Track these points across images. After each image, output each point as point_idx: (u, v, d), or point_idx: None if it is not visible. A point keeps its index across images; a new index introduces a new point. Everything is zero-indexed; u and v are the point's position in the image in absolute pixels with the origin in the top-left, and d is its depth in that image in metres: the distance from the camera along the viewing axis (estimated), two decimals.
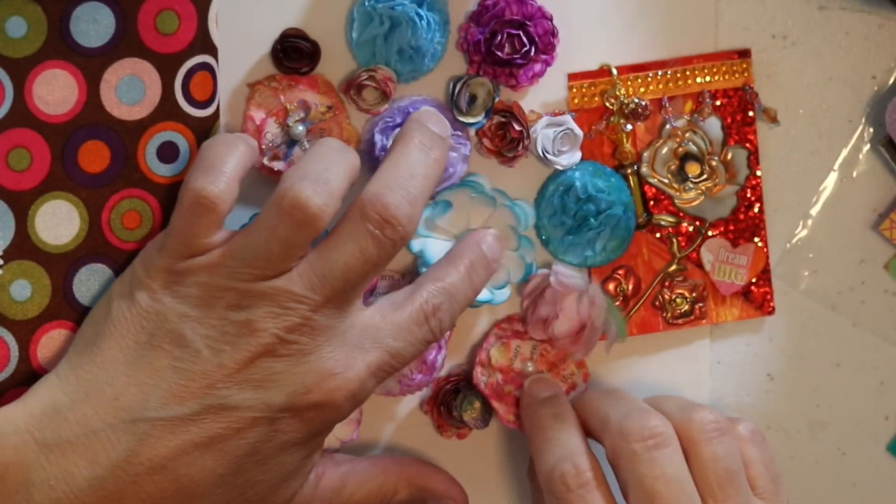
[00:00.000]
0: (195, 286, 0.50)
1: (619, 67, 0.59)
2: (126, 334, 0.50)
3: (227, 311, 0.49)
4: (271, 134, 0.56)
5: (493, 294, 0.58)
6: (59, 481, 0.48)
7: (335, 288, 0.50)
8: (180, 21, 0.53)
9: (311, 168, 0.50)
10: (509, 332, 0.59)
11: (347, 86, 0.56)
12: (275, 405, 0.49)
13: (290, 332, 0.49)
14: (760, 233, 0.61)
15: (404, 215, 0.50)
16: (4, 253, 0.52)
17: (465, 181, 0.57)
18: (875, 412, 0.64)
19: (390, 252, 0.51)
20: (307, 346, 0.50)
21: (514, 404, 0.60)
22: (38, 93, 0.52)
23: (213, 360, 0.49)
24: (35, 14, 0.52)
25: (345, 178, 0.51)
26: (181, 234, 0.50)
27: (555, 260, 0.60)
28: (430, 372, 0.57)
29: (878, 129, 0.62)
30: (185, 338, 0.49)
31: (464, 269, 0.54)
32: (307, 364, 0.49)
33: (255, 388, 0.49)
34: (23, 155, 0.52)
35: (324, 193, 0.49)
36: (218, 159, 0.51)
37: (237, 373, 0.49)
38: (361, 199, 0.51)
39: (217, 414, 0.49)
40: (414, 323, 0.52)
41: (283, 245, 0.49)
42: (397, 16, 0.55)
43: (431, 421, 0.60)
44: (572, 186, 0.58)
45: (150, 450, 0.48)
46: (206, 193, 0.50)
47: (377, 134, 0.56)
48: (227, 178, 0.50)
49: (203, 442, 0.49)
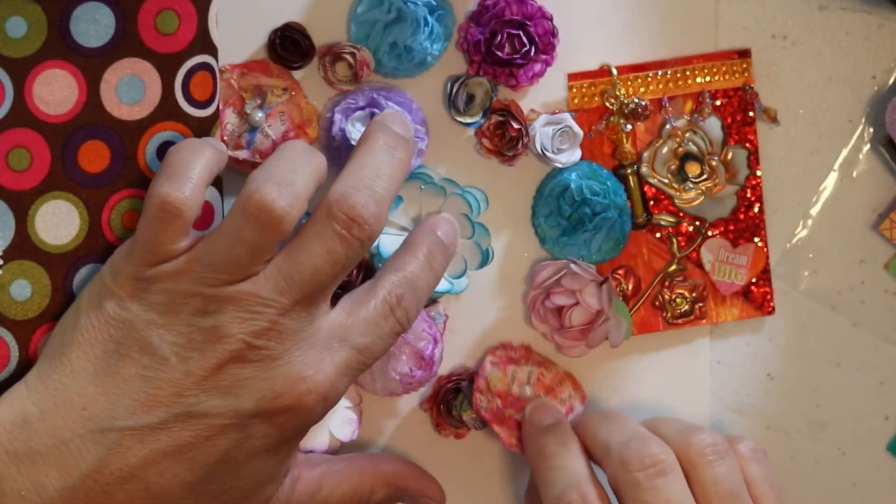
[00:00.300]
0: (162, 293, 0.49)
1: (619, 67, 0.59)
2: (94, 343, 0.49)
3: (194, 318, 0.49)
4: (231, 124, 0.56)
5: (452, 284, 0.58)
6: (30, 492, 0.48)
7: (303, 290, 0.49)
8: (180, 21, 0.53)
9: (277, 171, 0.50)
10: (504, 359, 0.59)
11: (327, 50, 0.56)
12: (244, 411, 0.49)
13: (257, 336, 0.49)
14: (760, 233, 0.61)
15: (371, 214, 0.50)
16: (4, 253, 0.52)
17: (413, 173, 0.57)
18: (875, 412, 0.64)
19: (358, 252, 0.50)
20: (275, 350, 0.49)
21: (516, 428, 0.60)
22: (38, 93, 0.52)
23: (180, 368, 0.48)
24: (35, 14, 0.52)
25: (311, 180, 0.51)
26: (147, 241, 0.50)
27: (553, 258, 0.60)
28: (429, 367, 0.57)
29: (878, 129, 0.62)
30: (152, 345, 0.49)
31: (422, 257, 0.53)
32: (276, 369, 0.49)
33: (224, 395, 0.49)
34: (23, 155, 0.52)
35: (289, 195, 0.49)
36: (184, 165, 0.50)
37: (205, 380, 0.48)
38: (328, 199, 0.50)
39: (186, 422, 0.48)
40: (380, 316, 0.51)
41: (249, 248, 0.49)
42: (406, 11, 0.55)
43: (430, 419, 0.60)
44: (568, 188, 0.58)
45: (119, 459, 0.48)
46: (170, 200, 0.49)
47: (337, 114, 0.56)
48: (192, 184, 0.50)
49: (172, 450, 0.48)
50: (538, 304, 0.59)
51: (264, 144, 0.57)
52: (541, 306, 0.59)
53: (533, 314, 0.59)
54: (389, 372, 0.57)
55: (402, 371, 0.57)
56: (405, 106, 0.57)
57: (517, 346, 0.60)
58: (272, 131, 0.57)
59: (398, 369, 0.57)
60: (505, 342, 0.60)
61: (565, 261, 0.59)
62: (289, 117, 0.57)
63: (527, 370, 0.60)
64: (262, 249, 0.49)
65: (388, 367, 0.57)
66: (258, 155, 0.56)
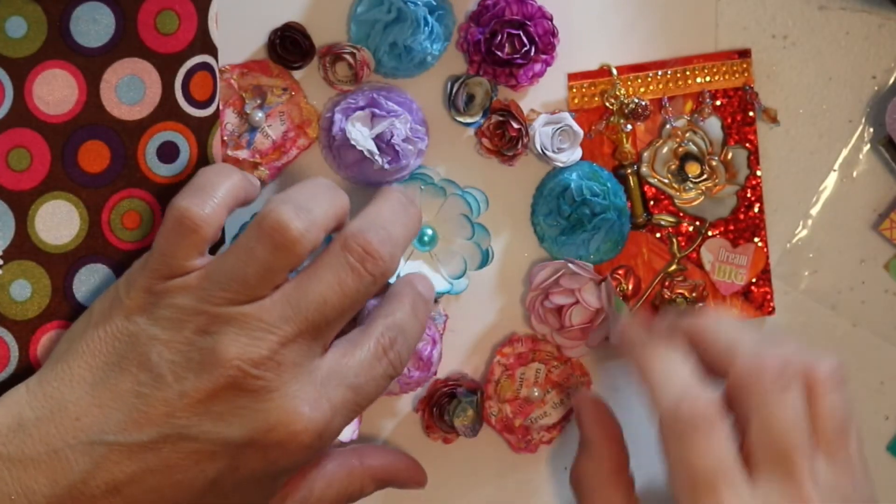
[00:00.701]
0: (169, 308, 0.49)
1: (619, 67, 0.59)
2: (97, 354, 0.49)
3: (195, 336, 0.48)
4: (231, 124, 0.56)
5: (452, 284, 0.58)
6: (20, 496, 0.47)
7: (308, 320, 0.49)
8: (180, 21, 0.53)
9: (297, 196, 0.50)
10: (512, 359, 0.60)
11: (327, 50, 0.56)
12: (235, 440, 0.48)
13: (255, 366, 0.48)
14: (760, 233, 0.61)
15: (386, 252, 0.50)
16: (4, 253, 0.52)
17: (413, 174, 0.57)
18: (875, 412, 0.64)
19: (369, 288, 0.50)
20: (273, 382, 0.48)
21: (525, 433, 0.60)
22: (38, 93, 0.52)
23: (174, 388, 0.48)
24: (35, 14, 0.52)
25: (330, 212, 0.50)
26: (163, 253, 0.49)
27: (552, 257, 0.60)
28: (426, 368, 0.57)
29: (878, 129, 0.62)
30: (150, 361, 0.48)
31: (408, 306, 0.53)
32: (271, 401, 0.48)
33: (216, 421, 0.48)
34: (23, 155, 0.52)
35: (306, 220, 0.49)
36: (209, 184, 0.50)
37: (199, 403, 0.48)
38: (344, 232, 0.50)
39: (175, 444, 0.48)
40: (374, 358, 0.51)
41: (259, 269, 0.48)
42: (406, 11, 0.55)
43: (421, 420, 0.60)
44: (568, 188, 0.58)
45: (106, 473, 0.48)
46: (190, 214, 0.49)
47: (337, 113, 0.56)
48: (215, 203, 0.50)
49: (159, 470, 0.48)
50: (537, 304, 0.59)
51: (264, 144, 0.57)
52: (540, 307, 0.59)
53: (532, 315, 0.59)
54: None
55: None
56: (405, 106, 0.57)
57: (523, 338, 0.60)
58: (272, 131, 0.57)
59: None
60: (511, 335, 0.60)
61: (563, 261, 0.59)
62: (289, 117, 0.57)
63: (534, 368, 0.60)
64: (273, 271, 0.49)
65: None
66: (258, 155, 0.56)
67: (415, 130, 0.57)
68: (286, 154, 0.57)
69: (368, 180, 0.57)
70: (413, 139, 0.57)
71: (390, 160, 0.56)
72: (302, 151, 0.57)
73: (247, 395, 0.48)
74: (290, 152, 0.57)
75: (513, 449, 0.60)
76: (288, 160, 0.57)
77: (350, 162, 0.57)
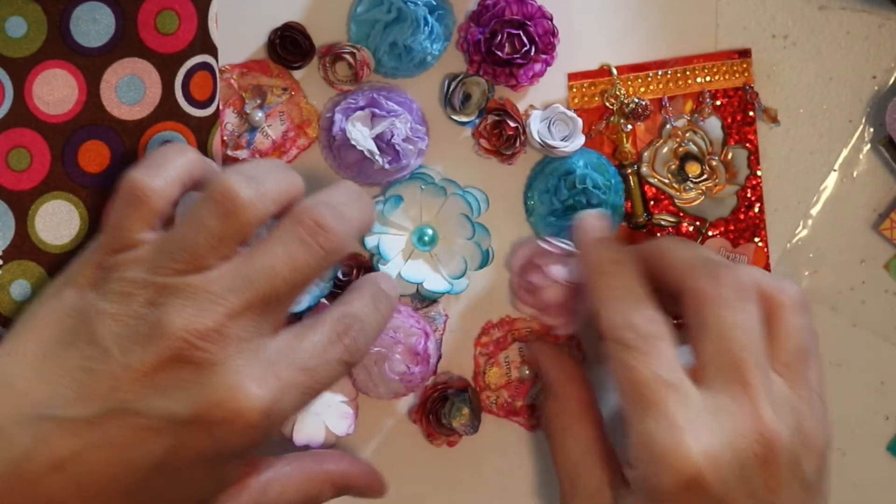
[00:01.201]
0: (118, 282, 0.48)
1: (619, 67, 0.59)
2: (46, 329, 0.49)
3: (143, 309, 0.47)
4: (231, 124, 0.56)
5: (452, 284, 0.58)
6: None
7: (257, 292, 0.48)
8: (180, 21, 0.53)
9: (249, 169, 0.50)
10: (491, 347, 0.59)
11: (327, 50, 0.56)
12: (179, 416, 0.47)
13: (200, 337, 0.47)
14: (760, 233, 0.61)
15: (339, 228, 0.49)
16: (4, 253, 0.52)
17: (413, 173, 0.57)
18: (875, 412, 0.64)
19: (320, 263, 0.49)
20: (216, 355, 0.47)
21: (532, 411, 0.60)
22: (38, 93, 0.52)
23: (120, 361, 0.47)
24: (35, 14, 0.52)
25: (283, 187, 0.50)
26: (113, 226, 0.49)
27: (534, 234, 0.59)
28: (425, 362, 0.57)
29: (878, 129, 0.62)
30: (98, 336, 0.47)
31: (368, 298, 0.52)
32: (215, 374, 0.47)
33: (160, 395, 0.47)
34: (23, 155, 0.52)
35: (255, 189, 0.48)
36: (163, 158, 0.50)
37: (144, 376, 0.47)
38: (296, 207, 0.50)
39: (119, 419, 0.47)
40: (328, 341, 0.50)
41: (207, 236, 0.48)
42: (405, 11, 0.55)
43: (421, 430, 0.60)
44: (572, 173, 0.58)
45: (50, 450, 0.47)
46: (140, 185, 0.49)
47: (338, 113, 0.56)
48: (167, 175, 0.49)
49: (105, 446, 0.47)
50: (518, 287, 0.59)
51: (264, 144, 0.57)
52: (521, 289, 0.59)
53: (518, 299, 0.59)
54: (388, 374, 0.57)
55: (400, 370, 0.57)
56: (405, 106, 0.57)
57: (496, 323, 0.60)
58: (272, 131, 0.57)
59: (395, 369, 0.57)
60: (486, 323, 0.60)
61: (537, 239, 0.58)
62: (289, 117, 0.57)
63: (516, 347, 0.60)
64: (221, 239, 0.48)
65: (386, 370, 0.57)
66: (258, 155, 0.57)
67: (415, 130, 0.57)
68: (286, 154, 0.57)
69: (369, 180, 0.57)
70: (413, 139, 0.57)
71: (390, 160, 0.56)
72: (302, 151, 0.57)
73: (190, 368, 0.47)
74: (290, 152, 0.57)
75: (526, 429, 0.60)
76: (288, 160, 0.57)
77: (350, 162, 0.57)
